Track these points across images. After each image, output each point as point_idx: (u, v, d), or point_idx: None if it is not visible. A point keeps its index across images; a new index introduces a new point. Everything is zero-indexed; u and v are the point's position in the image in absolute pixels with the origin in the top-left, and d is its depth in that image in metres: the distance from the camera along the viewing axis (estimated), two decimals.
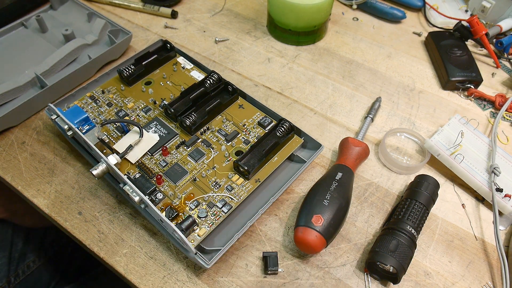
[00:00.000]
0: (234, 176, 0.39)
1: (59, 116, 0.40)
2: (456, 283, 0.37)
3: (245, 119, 0.45)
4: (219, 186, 0.39)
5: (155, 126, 0.43)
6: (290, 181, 0.40)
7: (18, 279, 0.57)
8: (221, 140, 0.42)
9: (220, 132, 0.43)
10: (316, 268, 0.38)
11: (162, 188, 0.38)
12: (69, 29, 0.53)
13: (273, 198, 0.39)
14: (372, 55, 0.59)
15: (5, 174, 0.43)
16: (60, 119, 0.40)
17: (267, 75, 0.55)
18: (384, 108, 0.52)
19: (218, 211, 0.37)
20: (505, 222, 0.42)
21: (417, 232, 0.37)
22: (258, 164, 0.39)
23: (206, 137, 0.43)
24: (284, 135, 0.42)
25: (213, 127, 0.44)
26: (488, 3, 0.61)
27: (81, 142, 0.41)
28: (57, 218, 0.40)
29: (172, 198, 0.38)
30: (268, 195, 0.40)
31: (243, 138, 0.43)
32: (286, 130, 0.42)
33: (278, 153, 0.42)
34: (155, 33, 0.60)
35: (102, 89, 0.47)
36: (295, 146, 0.42)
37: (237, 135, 0.43)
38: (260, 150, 0.40)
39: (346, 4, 0.66)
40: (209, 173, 0.40)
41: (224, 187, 0.39)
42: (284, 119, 0.42)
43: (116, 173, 0.36)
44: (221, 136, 0.43)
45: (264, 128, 0.44)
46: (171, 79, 0.48)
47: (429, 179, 0.41)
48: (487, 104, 0.53)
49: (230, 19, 0.63)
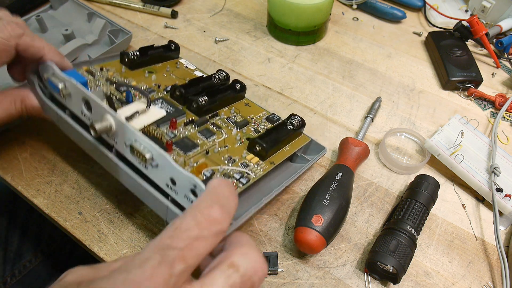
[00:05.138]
0: (249, 155, 0.37)
1: (54, 73, 0.35)
2: (456, 283, 0.37)
3: (253, 114, 0.44)
4: (234, 161, 0.36)
5: (161, 103, 0.40)
6: (290, 179, 0.39)
7: (15, 279, 0.56)
8: (230, 126, 0.40)
9: (230, 119, 0.41)
10: (316, 268, 0.38)
11: (173, 156, 0.34)
12: (69, 29, 0.53)
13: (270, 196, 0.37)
14: (372, 55, 0.59)
15: (5, 174, 0.43)
16: (54, 77, 0.35)
17: (267, 75, 0.55)
18: (384, 108, 0.52)
19: (236, 182, 0.34)
20: (505, 222, 0.42)
21: (417, 232, 0.37)
22: (274, 146, 0.37)
23: (215, 121, 0.40)
24: (296, 128, 0.41)
25: (222, 114, 0.42)
26: (488, 3, 0.61)
27: (73, 109, 0.36)
28: (57, 218, 0.40)
29: (183, 166, 0.33)
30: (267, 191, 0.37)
31: (253, 128, 0.41)
32: (298, 123, 0.42)
33: (289, 144, 0.41)
34: (155, 33, 0.60)
35: (101, 67, 0.43)
36: (303, 143, 0.42)
37: (247, 124, 0.42)
38: (275, 135, 0.39)
39: (346, 4, 0.66)
40: (221, 150, 0.37)
41: (239, 163, 0.36)
42: (295, 114, 0.42)
43: (125, 127, 0.31)
44: (230, 122, 0.41)
45: (272, 124, 0.43)
46: (175, 73, 0.47)
47: (429, 179, 0.41)
48: (487, 104, 0.53)
49: (230, 19, 0.63)
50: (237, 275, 0.22)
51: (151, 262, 0.20)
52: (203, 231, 0.22)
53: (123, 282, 0.19)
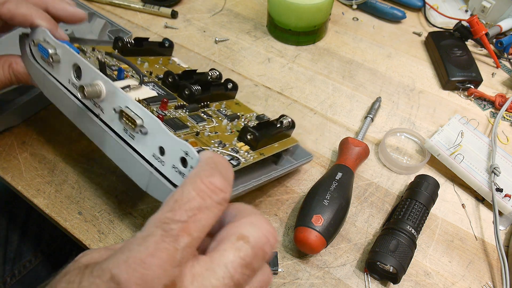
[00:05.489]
0: (239, 143, 0.36)
1: (46, 38, 0.33)
2: (456, 283, 0.37)
3: (243, 112, 0.43)
4: (224, 145, 0.35)
5: (152, 86, 0.39)
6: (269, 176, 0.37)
7: (14, 279, 0.56)
8: (221, 117, 0.40)
9: (220, 111, 0.41)
10: (316, 268, 0.38)
11: None
12: (69, 29, 0.53)
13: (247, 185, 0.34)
14: (372, 55, 0.59)
15: (5, 174, 0.43)
16: (46, 43, 0.34)
17: (267, 75, 0.55)
18: (384, 108, 0.52)
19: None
20: (505, 222, 0.42)
21: (417, 232, 0.37)
22: (265, 137, 0.36)
23: (206, 110, 0.40)
24: (286, 128, 0.40)
25: (213, 106, 0.41)
26: (488, 3, 0.61)
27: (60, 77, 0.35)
28: (57, 218, 0.40)
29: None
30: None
31: (243, 123, 0.40)
32: (288, 123, 0.41)
33: (278, 142, 0.40)
34: (155, 33, 0.60)
35: (92, 48, 0.42)
36: (291, 144, 0.41)
37: (237, 118, 0.41)
38: (267, 128, 0.38)
39: (346, 4, 0.66)
40: (212, 135, 0.36)
41: (229, 148, 0.35)
42: (285, 115, 0.41)
43: (118, 91, 0.31)
44: (221, 114, 0.40)
45: None
46: (167, 67, 0.47)
47: (429, 179, 0.41)
48: (487, 104, 0.53)
49: (230, 19, 0.63)
50: (248, 247, 0.20)
51: (153, 238, 0.19)
52: (206, 201, 0.20)
53: (126, 261, 0.18)
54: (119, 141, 0.31)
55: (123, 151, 0.31)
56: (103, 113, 0.32)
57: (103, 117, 0.32)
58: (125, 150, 0.31)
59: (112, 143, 0.32)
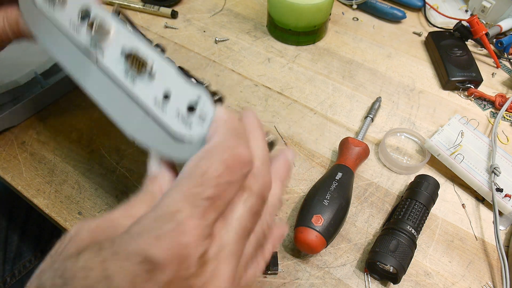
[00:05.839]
0: None
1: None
2: (456, 283, 0.37)
3: None
4: None
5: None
6: None
7: (14, 279, 0.56)
8: None
9: None
10: (316, 268, 0.38)
11: None
12: None
13: None
14: (372, 55, 0.59)
15: (5, 174, 0.43)
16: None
17: (267, 75, 0.55)
18: (384, 108, 0.52)
19: None
20: (505, 222, 0.42)
21: (417, 232, 0.37)
22: None
23: None
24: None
25: None
26: (488, 3, 0.61)
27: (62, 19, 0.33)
28: (57, 218, 0.40)
29: None
30: None
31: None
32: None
33: None
34: (155, 33, 0.60)
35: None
36: None
37: None
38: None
39: (346, 4, 0.66)
40: None
41: None
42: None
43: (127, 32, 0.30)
44: None
45: None
46: None
47: (429, 179, 0.41)
48: (487, 104, 0.53)
49: (230, 19, 0.63)
50: (253, 196, 0.21)
51: (182, 214, 0.18)
52: (234, 176, 0.20)
53: (158, 240, 0.17)
54: (118, 84, 0.29)
55: (121, 95, 0.29)
56: (103, 56, 0.30)
57: (103, 61, 0.31)
58: (124, 94, 0.29)
59: (108, 87, 0.30)
